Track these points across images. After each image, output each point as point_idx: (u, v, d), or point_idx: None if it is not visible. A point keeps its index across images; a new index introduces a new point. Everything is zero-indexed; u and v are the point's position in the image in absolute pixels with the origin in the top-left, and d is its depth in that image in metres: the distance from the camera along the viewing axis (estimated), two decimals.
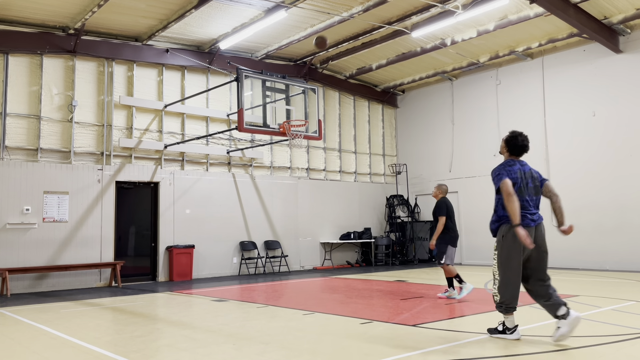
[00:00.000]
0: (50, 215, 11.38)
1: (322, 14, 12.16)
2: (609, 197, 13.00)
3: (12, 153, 11.18)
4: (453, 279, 8.31)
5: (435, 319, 6.48)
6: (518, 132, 5.55)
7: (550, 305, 5.05)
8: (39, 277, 11.16)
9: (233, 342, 5.39)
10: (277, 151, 15.40)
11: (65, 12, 11.18)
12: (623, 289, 9.13)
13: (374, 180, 17.80)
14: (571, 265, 13.54)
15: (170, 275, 12.78)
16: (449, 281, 8.33)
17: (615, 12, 12.23)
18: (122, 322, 6.96)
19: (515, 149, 5.52)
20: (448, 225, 8.33)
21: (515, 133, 5.53)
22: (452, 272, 8.23)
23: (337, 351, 4.89)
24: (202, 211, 13.54)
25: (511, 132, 5.57)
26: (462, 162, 16.27)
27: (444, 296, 8.39)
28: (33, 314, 7.76)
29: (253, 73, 11.20)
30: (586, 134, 13.56)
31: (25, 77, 11.52)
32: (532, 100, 14.72)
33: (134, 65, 12.91)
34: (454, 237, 8.39)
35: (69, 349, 5.31)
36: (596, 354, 4.58)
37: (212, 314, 7.38)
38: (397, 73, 16.74)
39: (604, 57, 13.32)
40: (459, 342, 5.14)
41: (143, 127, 12.93)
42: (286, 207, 15.22)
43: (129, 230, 12.82)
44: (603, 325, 5.83)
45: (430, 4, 11.67)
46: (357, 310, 7.28)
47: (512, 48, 14.44)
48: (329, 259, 15.99)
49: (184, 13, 11.39)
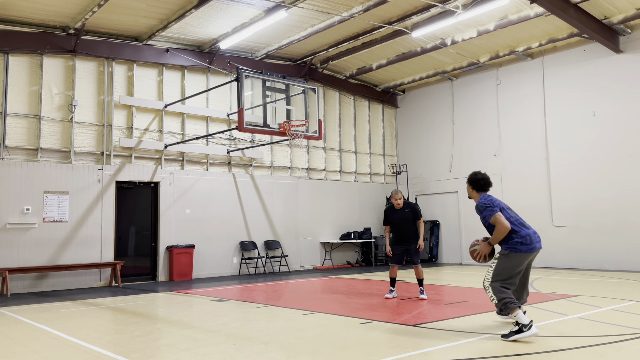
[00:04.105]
0: (50, 215, 11.38)
1: (323, 14, 12.15)
2: (609, 197, 12.99)
3: (12, 153, 11.18)
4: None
5: (435, 319, 6.48)
6: (476, 171, 5.96)
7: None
8: (39, 277, 11.16)
9: (233, 342, 5.39)
10: (277, 151, 15.40)
11: (65, 12, 11.18)
12: (623, 289, 9.13)
13: (374, 180, 17.80)
14: (571, 265, 13.54)
15: (170, 275, 12.78)
16: (422, 281, 8.55)
17: (615, 12, 12.22)
18: (122, 322, 6.96)
19: (480, 186, 5.82)
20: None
21: (474, 172, 5.92)
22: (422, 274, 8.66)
23: (337, 351, 4.89)
24: (202, 211, 13.54)
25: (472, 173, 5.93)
26: (462, 162, 16.27)
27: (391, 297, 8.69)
28: (33, 313, 7.77)
29: (253, 73, 11.19)
30: (586, 134, 13.55)
31: (26, 77, 11.52)
32: (533, 100, 14.72)
33: (134, 65, 12.91)
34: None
35: (69, 348, 5.32)
36: (596, 354, 4.58)
37: (212, 314, 7.38)
38: (397, 73, 16.74)
39: (604, 57, 13.31)
40: (459, 342, 5.14)
41: (143, 127, 12.93)
42: (286, 207, 15.23)
43: (129, 230, 12.82)
44: (603, 325, 5.83)
45: (431, 4, 11.67)
46: (357, 310, 7.28)
47: (513, 48, 14.44)
48: (329, 258, 15.99)
49: (184, 13, 11.39)
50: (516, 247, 5.34)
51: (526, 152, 14.72)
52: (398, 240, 8.67)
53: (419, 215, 8.64)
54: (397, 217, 8.68)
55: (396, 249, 8.66)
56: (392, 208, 8.80)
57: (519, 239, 5.35)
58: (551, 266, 13.84)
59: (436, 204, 16.86)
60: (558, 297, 8.14)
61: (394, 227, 8.71)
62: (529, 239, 5.37)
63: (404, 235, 8.59)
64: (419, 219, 8.63)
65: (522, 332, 5.09)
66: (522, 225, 5.47)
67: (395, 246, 8.67)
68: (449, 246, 16.64)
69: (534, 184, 14.26)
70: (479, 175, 5.83)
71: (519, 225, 5.43)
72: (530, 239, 5.37)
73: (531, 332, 5.09)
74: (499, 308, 5.34)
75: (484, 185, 5.79)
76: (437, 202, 16.87)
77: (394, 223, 8.70)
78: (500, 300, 5.25)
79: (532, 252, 5.40)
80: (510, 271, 5.37)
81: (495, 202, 5.53)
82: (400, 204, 8.69)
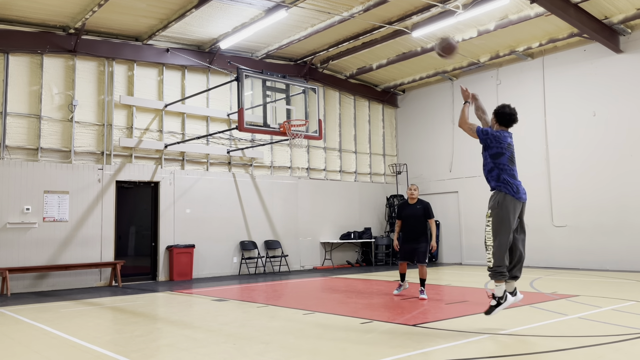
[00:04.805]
0: (50, 215, 11.38)
1: (323, 14, 12.16)
2: (609, 197, 12.99)
3: (12, 152, 11.18)
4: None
5: (435, 318, 6.48)
6: (507, 104, 5.91)
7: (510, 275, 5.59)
8: (39, 277, 11.16)
9: (233, 342, 5.39)
10: (277, 151, 15.40)
11: (65, 11, 11.18)
12: (623, 289, 9.13)
13: (374, 180, 17.80)
14: (571, 265, 13.54)
15: (170, 275, 12.79)
16: (424, 281, 8.47)
17: (615, 12, 12.22)
18: (122, 321, 6.96)
19: (504, 119, 5.82)
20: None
21: (504, 104, 5.88)
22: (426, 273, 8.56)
23: (337, 351, 4.89)
24: (202, 211, 13.54)
25: (500, 104, 5.92)
26: (462, 162, 16.26)
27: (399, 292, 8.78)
28: (33, 313, 7.77)
29: (253, 73, 11.20)
30: (586, 134, 13.55)
31: (26, 76, 11.52)
32: (533, 100, 14.71)
33: (134, 64, 12.91)
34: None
35: (69, 348, 5.32)
36: (596, 354, 4.58)
37: (212, 313, 7.38)
38: (398, 73, 16.74)
39: (605, 57, 13.31)
40: (459, 342, 5.14)
41: (143, 127, 12.93)
42: (286, 207, 15.23)
43: (129, 229, 12.82)
44: (603, 325, 5.83)
45: (431, 4, 11.67)
46: (357, 310, 7.28)
47: (513, 48, 14.44)
48: (329, 258, 15.99)
49: (185, 13, 11.39)
50: (505, 187, 5.49)
51: (526, 151, 14.70)
52: (407, 238, 8.52)
53: (430, 214, 8.48)
54: (408, 212, 8.56)
55: (404, 248, 8.52)
56: (405, 202, 8.73)
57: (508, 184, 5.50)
58: (551, 266, 13.84)
59: (436, 204, 16.80)
60: (558, 297, 8.14)
61: (404, 223, 8.58)
62: (516, 188, 5.53)
63: (413, 232, 8.42)
64: (430, 218, 8.47)
65: (500, 304, 5.45)
66: (512, 177, 5.59)
67: (404, 245, 8.53)
68: (449, 246, 16.64)
69: (534, 183, 14.24)
70: (507, 109, 5.82)
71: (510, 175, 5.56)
72: (517, 189, 5.54)
73: (508, 301, 5.44)
74: (490, 272, 5.49)
75: (502, 117, 5.80)
76: (437, 202, 16.83)
77: (404, 218, 8.58)
78: (495, 267, 5.41)
79: (519, 201, 5.53)
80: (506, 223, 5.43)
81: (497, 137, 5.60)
82: (414, 198, 8.58)
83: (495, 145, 5.60)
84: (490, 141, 5.62)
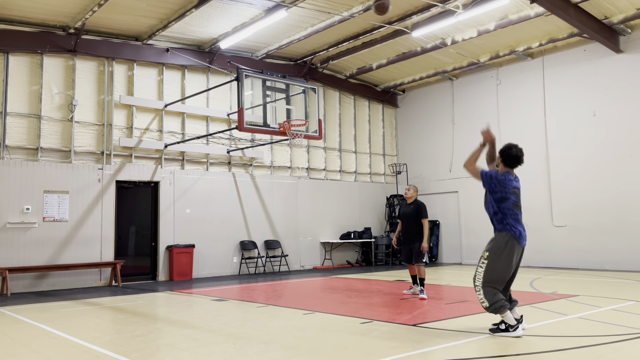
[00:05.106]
0: (50, 215, 11.38)
1: (323, 14, 12.15)
2: (609, 197, 12.99)
3: (12, 152, 11.18)
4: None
5: (435, 318, 6.48)
6: (514, 144, 5.74)
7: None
8: (39, 277, 11.16)
9: (233, 342, 5.39)
10: (277, 151, 15.40)
11: (65, 11, 11.18)
12: (623, 289, 9.13)
13: (374, 180, 17.80)
14: (571, 265, 13.54)
15: (170, 275, 12.79)
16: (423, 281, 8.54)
17: (615, 12, 12.22)
18: (122, 321, 6.96)
19: (510, 160, 5.67)
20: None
21: (511, 144, 5.72)
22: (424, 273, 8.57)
23: (337, 351, 4.89)
24: (202, 211, 13.54)
25: (507, 144, 5.76)
26: (462, 162, 16.22)
27: (409, 293, 8.80)
28: (33, 313, 7.77)
29: (253, 72, 11.20)
30: (586, 134, 13.55)
31: (26, 76, 11.52)
32: (533, 100, 14.71)
33: (134, 64, 12.90)
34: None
35: (69, 348, 5.32)
36: (596, 354, 4.58)
37: (212, 313, 7.38)
38: (398, 73, 16.73)
39: (605, 57, 13.31)
40: (459, 342, 5.14)
41: (143, 127, 12.93)
42: (286, 207, 15.23)
43: (129, 229, 12.82)
44: (603, 325, 5.83)
45: (431, 4, 11.67)
46: (357, 310, 7.28)
47: (513, 48, 14.44)
48: (329, 258, 15.99)
49: (185, 12, 11.39)
50: (511, 230, 5.42)
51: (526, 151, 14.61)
52: (404, 239, 8.74)
53: (421, 213, 8.55)
54: (403, 211, 8.83)
55: (403, 249, 8.74)
56: (404, 202, 8.98)
57: (512, 228, 5.44)
58: (551, 266, 13.83)
59: (436, 203, 16.84)
60: (558, 297, 8.14)
61: (402, 223, 8.81)
62: (519, 233, 5.47)
63: (408, 233, 8.61)
64: (422, 218, 8.54)
65: (508, 331, 5.29)
66: (517, 221, 5.53)
67: (403, 246, 8.75)
68: (449, 246, 16.64)
69: (534, 183, 14.24)
70: (514, 150, 5.64)
71: (514, 220, 5.50)
72: (520, 234, 5.48)
73: (516, 333, 5.27)
74: (490, 311, 5.41)
75: (507, 158, 5.64)
76: (437, 202, 16.86)
77: (400, 217, 8.84)
78: (492, 304, 5.34)
79: (520, 245, 5.48)
80: (505, 269, 5.41)
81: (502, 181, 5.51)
82: (409, 198, 8.75)
83: (499, 189, 5.52)
84: (495, 185, 5.54)
